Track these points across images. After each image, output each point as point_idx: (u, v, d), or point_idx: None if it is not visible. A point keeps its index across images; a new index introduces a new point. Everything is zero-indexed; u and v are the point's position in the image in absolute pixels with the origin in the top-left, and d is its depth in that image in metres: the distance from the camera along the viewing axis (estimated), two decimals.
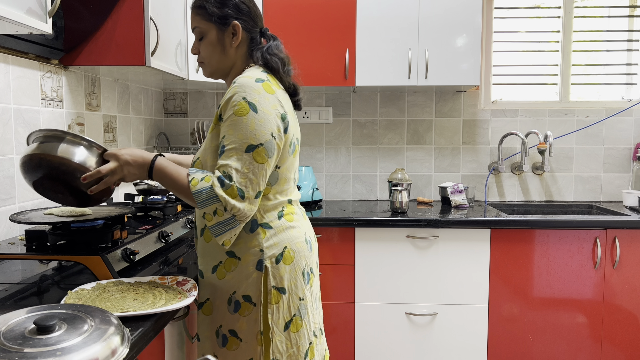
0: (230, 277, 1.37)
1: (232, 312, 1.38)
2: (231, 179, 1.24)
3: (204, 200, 1.25)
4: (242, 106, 1.27)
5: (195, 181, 1.26)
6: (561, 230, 2.45)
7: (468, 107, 3.06)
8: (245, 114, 1.27)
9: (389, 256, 2.48)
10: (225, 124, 1.29)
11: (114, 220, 1.53)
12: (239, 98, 1.28)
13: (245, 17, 1.43)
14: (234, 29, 1.41)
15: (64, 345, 0.81)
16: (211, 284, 1.41)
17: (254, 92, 1.29)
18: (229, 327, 1.39)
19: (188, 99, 3.12)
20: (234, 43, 1.42)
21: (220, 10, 1.40)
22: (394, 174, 2.90)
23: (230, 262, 1.37)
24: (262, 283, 1.36)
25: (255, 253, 1.36)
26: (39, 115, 1.84)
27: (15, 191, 1.71)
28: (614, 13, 3.04)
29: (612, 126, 3.03)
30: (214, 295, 1.40)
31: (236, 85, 1.30)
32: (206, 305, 1.42)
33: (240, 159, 1.26)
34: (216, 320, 1.40)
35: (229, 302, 1.38)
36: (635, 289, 2.46)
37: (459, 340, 2.50)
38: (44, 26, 1.36)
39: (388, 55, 2.66)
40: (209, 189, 1.24)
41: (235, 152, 1.26)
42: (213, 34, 1.41)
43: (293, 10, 2.65)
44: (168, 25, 2.19)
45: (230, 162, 1.25)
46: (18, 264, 1.51)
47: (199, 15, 1.42)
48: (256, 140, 1.27)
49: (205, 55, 1.44)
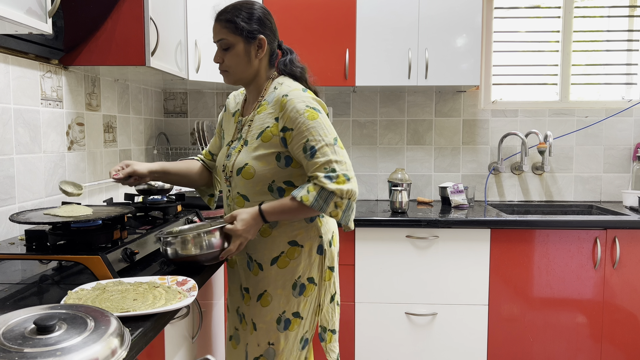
0: (295, 264, 1.55)
1: (297, 296, 1.56)
2: (335, 170, 1.42)
3: (323, 204, 1.42)
4: (311, 112, 1.46)
5: (305, 197, 1.42)
6: (561, 230, 2.45)
7: (468, 107, 3.06)
8: (317, 117, 1.46)
9: (389, 256, 2.48)
10: (299, 129, 1.44)
11: (114, 220, 1.53)
12: (303, 107, 1.45)
13: (268, 32, 1.56)
14: (260, 42, 1.54)
15: (64, 345, 0.81)
16: (271, 276, 1.55)
17: (310, 99, 1.48)
18: (293, 310, 1.56)
19: (188, 99, 3.12)
20: (259, 55, 1.55)
21: (248, 25, 1.52)
22: (394, 174, 2.90)
23: (294, 251, 1.55)
24: (322, 264, 1.58)
25: (316, 239, 1.57)
26: (39, 115, 1.84)
27: (15, 191, 1.71)
28: (614, 13, 3.04)
29: (612, 126, 3.03)
30: (274, 285, 1.55)
31: (292, 98, 1.47)
32: (264, 297, 1.56)
33: (334, 152, 1.44)
34: (277, 308, 1.55)
35: (294, 287, 1.55)
36: (635, 289, 2.46)
37: (459, 340, 2.50)
38: (44, 26, 1.36)
39: (388, 55, 2.66)
40: (320, 191, 1.42)
41: (327, 148, 1.44)
42: (240, 47, 1.53)
43: (293, 10, 2.65)
44: (168, 25, 2.19)
45: (329, 157, 1.43)
46: (18, 264, 1.51)
47: (227, 28, 1.52)
48: (334, 133, 1.48)
49: (230, 65, 1.55)
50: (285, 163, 1.51)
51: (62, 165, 1.98)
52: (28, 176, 1.77)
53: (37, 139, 1.82)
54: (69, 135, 2.03)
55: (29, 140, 1.78)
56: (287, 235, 1.55)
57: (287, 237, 1.55)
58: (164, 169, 1.71)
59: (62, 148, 1.99)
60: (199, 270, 1.47)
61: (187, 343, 1.51)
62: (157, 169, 1.68)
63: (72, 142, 2.06)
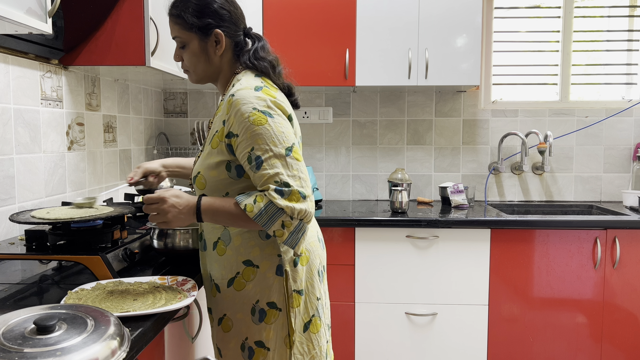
0: (251, 287, 1.35)
1: (258, 322, 1.35)
2: (288, 185, 1.23)
3: (268, 220, 1.22)
4: (257, 116, 1.25)
5: (249, 207, 1.23)
6: (561, 230, 2.45)
7: (468, 107, 3.06)
8: (265, 122, 1.25)
9: (389, 256, 2.48)
10: (245, 136, 1.25)
11: (114, 220, 1.53)
12: (248, 109, 1.25)
13: (227, 24, 1.38)
14: (217, 37, 1.37)
15: (64, 345, 0.81)
16: (228, 298, 1.37)
17: (258, 100, 1.27)
18: (255, 339, 1.36)
19: (188, 99, 3.12)
20: (218, 51, 1.38)
21: (200, 20, 1.35)
22: (394, 174, 2.90)
23: (249, 271, 1.35)
24: (284, 287, 1.35)
25: (273, 259, 1.35)
26: (39, 115, 1.84)
27: (15, 191, 1.71)
28: (614, 13, 3.04)
29: (612, 126, 3.03)
30: (233, 309, 1.37)
31: (238, 98, 1.27)
32: (224, 322, 1.39)
33: (285, 164, 1.25)
34: (240, 334, 1.37)
35: (253, 313, 1.35)
36: (635, 289, 2.46)
37: (459, 340, 2.50)
38: (44, 26, 1.36)
39: (388, 55, 2.66)
40: (268, 205, 1.22)
41: (277, 159, 1.24)
42: (195, 44, 1.38)
43: (293, 10, 2.65)
44: (168, 25, 2.19)
45: (278, 170, 1.24)
46: (18, 264, 1.51)
47: (178, 24, 1.38)
48: (288, 141, 1.27)
49: (189, 64, 1.41)
50: (237, 174, 1.32)
51: (62, 165, 1.98)
52: (28, 176, 1.77)
53: (37, 139, 1.82)
54: (69, 135, 2.03)
55: (28, 140, 1.78)
56: (242, 254, 1.35)
57: (242, 256, 1.35)
58: (178, 164, 1.66)
59: (62, 148, 1.99)
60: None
61: (187, 343, 1.50)
62: (170, 163, 1.64)
63: (72, 142, 2.06)
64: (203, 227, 1.45)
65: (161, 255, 1.58)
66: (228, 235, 1.37)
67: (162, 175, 1.62)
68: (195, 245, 1.52)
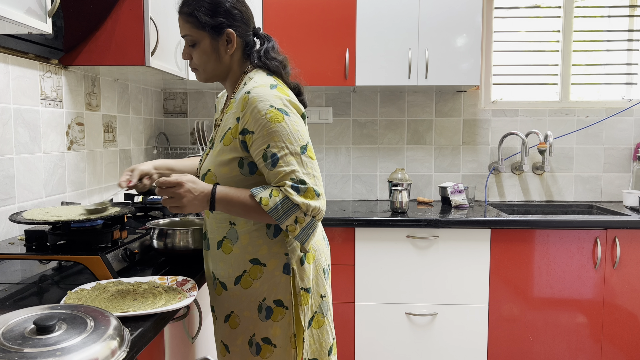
0: (258, 285, 1.37)
1: (264, 320, 1.38)
2: (304, 182, 1.26)
3: (283, 214, 1.25)
4: (274, 114, 1.27)
5: (265, 200, 1.25)
6: (561, 230, 2.45)
7: (468, 107, 3.06)
8: (282, 120, 1.27)
9: (389, 256, 2.48)
10: (261, 133, 1.27)
11: (114, 220, 1.52)
12: (265, 107, 1.27)
13: (238, 23, 1.39)
14: (229, 36, 1.38)
15: (64, 345, 0.81)
16: (235, 296, 1.39)
17: (275, 97, 1.29)
18: (262, 335, 1.38)
19: (188, 99, 3.12)
20: (229, 51, 1.40)
21: (212, 19, 1.36)
22: (394, 174, 2.90)
23: (256, 270, 1.37)
24: (291, 286, 1.37)
25: (280, 257, 1.37)
26: (39, 115, 1.83)
27: (15, 191, 1.71)
28: (614, 13, 3.04)
29: (612, 126, 3.03)
30: (240, 306, 1.39)
31: (254, 96, 1.29)
32: (232, 318, 1.41)
33: (301, 162, 1.28)
34: (247, 330, 1.39)
35: (260, 310, 1.38)
36: (635, 289, 2.46)
37: (459, 340, 2.50)
38: (44, 26, 1.36)
39: (388, 55, 2.66)
40: (284, 200, 1.25)
41: (293, 157, 1.27)
42: (206, 43, 1.38)
43: (293, 10, 2.64)
44: (168, 25, 2.19)
45: (294, 167, 1.26)
46: (18, 264, 1.51)
47: (190, 23, 1.38)
48: (303, 140, 1.30)
49: (199, 62, 1.42)
50: (249, 171, 1.34)
51: (61, 165, 1.98)
52: (28, 176, 1.77)
53: (36, 139, 1.82)
54: (69, 135, 2.03)
55: (28, 140, 1.78)
56: (249, 252, 1.37)
57: (249, 254, 1.37)
58: (168, 166, 1.66)
59: (62, 148, 1.99)
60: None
61: (187, 343, 1.50)
62: (160, 165, 1.64)
63: (72, 142, 2.06)
64: (207, 226, 1.46)
65: (161, 255, 1.58)
66: (235, 234, 1.39)
67: (154, 177, 1.63)
68: (195, 245, 1.52)
